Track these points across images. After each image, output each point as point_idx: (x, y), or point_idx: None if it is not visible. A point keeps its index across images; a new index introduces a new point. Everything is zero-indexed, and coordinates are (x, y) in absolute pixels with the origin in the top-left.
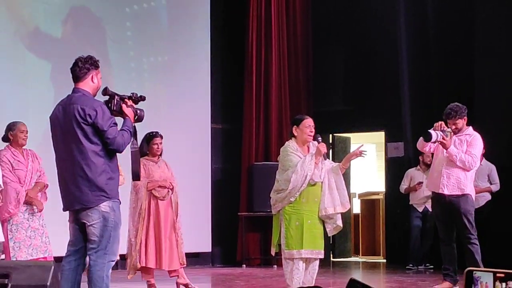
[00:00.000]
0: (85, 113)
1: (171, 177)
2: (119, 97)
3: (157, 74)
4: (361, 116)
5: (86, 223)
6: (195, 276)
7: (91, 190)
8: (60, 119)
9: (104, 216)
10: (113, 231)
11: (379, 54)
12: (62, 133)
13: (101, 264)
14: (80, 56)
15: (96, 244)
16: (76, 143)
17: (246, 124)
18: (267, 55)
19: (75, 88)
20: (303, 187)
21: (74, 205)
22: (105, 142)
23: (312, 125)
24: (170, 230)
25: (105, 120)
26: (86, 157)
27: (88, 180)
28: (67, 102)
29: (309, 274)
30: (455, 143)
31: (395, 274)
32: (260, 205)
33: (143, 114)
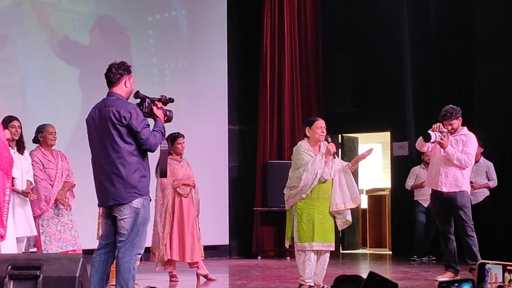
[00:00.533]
0: (120, 115)
1: (192, 175)
2: (150, 100)
3: (177, 78)
4: (368, 117)
5: (118, 216)
6: (213, 267)
7: (124, 187)
8: (96, 121)
9: (136, 211)
10: (142, 226)
11: (385, 59)
12: (98, 134)
13: (128, 256)
14: (114, 62)
15: (125, 237)
16: (111, 143)
17: (260, 125)
18: (280, 60)
19: (110, 92)
20: (314, 184)
21: (108, 201)
22: (138, 142)
23: (323, 126)
24: (193, 225)
25: (139, 121)
26: (121, 156)
27: (122, 178)
28: (102, 105)
29: (320, 265)
30: (451, 143)
31: (400, 265)
32: (274, 200)
33: (172, 115)
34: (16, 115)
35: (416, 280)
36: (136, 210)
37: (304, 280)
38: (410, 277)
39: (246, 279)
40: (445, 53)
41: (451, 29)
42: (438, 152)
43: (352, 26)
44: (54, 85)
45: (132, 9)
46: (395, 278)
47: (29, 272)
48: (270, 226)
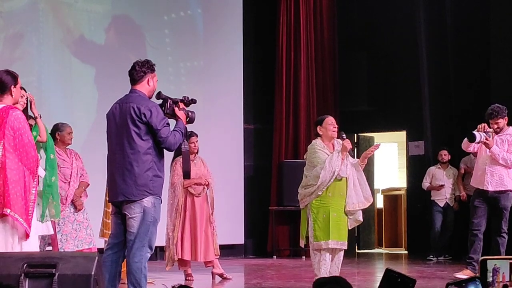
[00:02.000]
0: (140, 112)
1: (207, 173)
2: (172, 101)
3: (193, 78)
4: (384, 117)
5: (128, 215)
6: (229, 266)
7: (135, 184)
8: (116, 116)
9: (146, 210)
10: (151, 225)
11: (401, 58)
12: (117, 129)
13: (139, 256)
14: (138, 60)
15: (134, 236)
16: (128, 139)
17: (276, 124)
18: (296, 60)
19: (132, 89)
20: (331, 182)
21: (118, 197)
22: (157, 140)
23: (334, 122)
24: (206, 223)
25: (159, 120)
26: (136, 153)
27: (135, 175)
28: (124, 101)
29: (335, 264)
30: (496, 143)
31: (416, 264)
32: (289, 199)
33: (194, 116)
34: None
35: (432, 279)
36: (146, 209)
37: None
38: (426, 276)
39: (261, 278)
40: (462, 52)
41: (467, 28)
42: (483, 151)
43: (368, 25)
44: (69, 84)
45: (148, 8)
46: None
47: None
48: (286, 225)
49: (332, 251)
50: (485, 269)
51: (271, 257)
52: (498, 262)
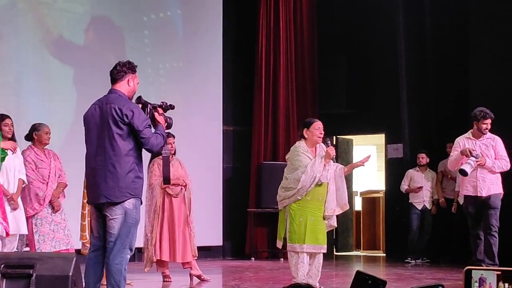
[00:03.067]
0: (122, 113)
1: (184, 175)
2: (152, 106)
3: (172, 79)
4: (363, 119)
5: (108, 216)
6: (207, 268)
7: (118, 186)
8: (96, 117)
9: (127, 212)
10: (133, 227)
11: (380, 61)
12: (97, 130)
13: (119, 257)
14: (120, 60)
15: (115, 238)
16: (110, 141)
17: (255, 126)
18: (275, 62)
19: (112, 89)
20: (311, 187)
21: (100, 199)
22: (140, 141)
23: (321, 128)
24: (184, 224)
25: (141, 120)
26: (118, 155)
27: (117, 177)
28: (103, 102)
29: (315, 267)
30: (481, 149)
31: (394, 267)
32: (268, 201)
33: (172, 122)
34: (9, 114)
35: (409, 282)
36: (127, 211)
37: (297, 281)
38: (404, 279)
39: (239, 280)
40: (441, 55)
41: (446, 31)
42: None
43: (348, 28)
44: (48, 84)
45: (127, 9)
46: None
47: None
48: (264, 227)
49: (310, 254)
50: (469, 279)
51: (249, 259)
52: (485, 272)
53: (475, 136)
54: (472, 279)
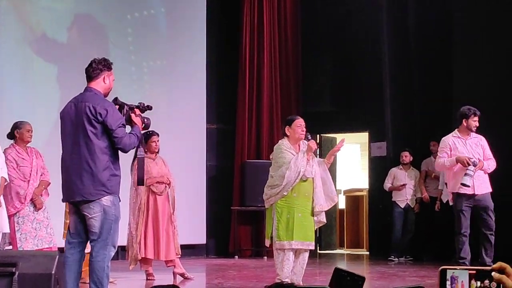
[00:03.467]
0: (96, 112)
1: (168, 173)
2: (128, 107)
3: (156, 77)
4: (347, 118)
5: (88, 215)
6: (190, 266)
7: (93, 184)
8: (71, 115)
9: (105, 209)
10: (113, 224)
11: (364, 60)
12: (72, 128)
13: (102, 254)
14: (95, 58)
15: (96, 236)
16: (85, 139)
17: (239, 124)
18: (259, 60)
19: (88, 87)
20: (296, 182)
21: (75, 197)
22: (112, 140)
23: (303, 125)
24: (167, 223)
25: (114, 119)
26: (93, 153)
27: (92, 175)
28: (79, 100)
29: (299, 264)
30: (472, 148)
31: (377, 265)
32: (251, 199)
33: (150, 123)
34: None
35: (393, 280)
36: (105, 208)
37: (281, 278)
38: (387, 277)
39: (223, 278)
40: (424, 54)
41: (430, 30)
42: None
43: (332, 27)
44: (31, 83)
45: (110, 7)
46: (372, 278)
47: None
48: (248, 225)
49: (296, 251)
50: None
51: (233, 257)
52: (457, 271)
53: (463, 134)
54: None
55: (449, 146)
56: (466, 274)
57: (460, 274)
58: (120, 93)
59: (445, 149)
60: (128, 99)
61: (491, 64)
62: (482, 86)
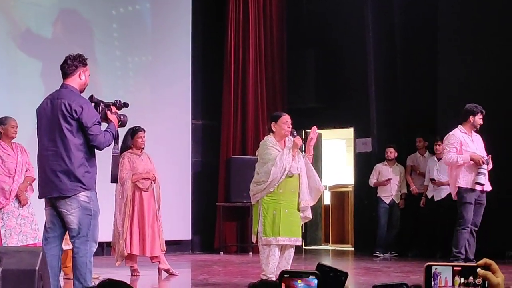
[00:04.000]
0: (72, 109)
1: (153, 169)
2: (104, 105)
3: (141, 73)
4: (332, 114)
5: (65, 211)
6: (175, 262)
7: (69, 180)
8: (47, 111)
9: (82, 205)
10: (92, 219)
11: (349, 56)
12: (48, 125)
13: (83, 250)
14: (70, 54)
15: (76, 232)
16: (60, 136)
17: (224, 120)
18: (244, 56)
19: (64, 84)
20: (282, 179)
21: (52, 193)
22: (87, 138)
23: (289, 121)
24: (153, 219)
25: (90, 117)
26: (68, 150)
27: (68, 171)
28: (55, 96)
29: (284, 260)
30: (477, 143)
31: (363, 261)
32: (237, 195)
33: (126, 120)
34: None
35: (378, 275)
36: (83, 204)
37: (267, 274)
38: (372, 273)
39: (208, 274)
40: (410, 50)
41: (415, 26)
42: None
43: (317, 22)
44: (15, 78)
45: (95, 2)
46: (357, 274)
47: None
48: (233, 221)
49: (282, 247)
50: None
51: (218, 253)
52: (440, 267)
53: (468, 131)
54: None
55: (460, 142)
56: (449, 271)
57: (443, 271)
58: (105, 88)
59: (455, 145)
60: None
61: (477, 61)
62: (467, 84)
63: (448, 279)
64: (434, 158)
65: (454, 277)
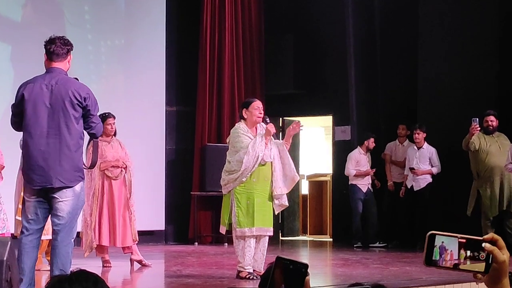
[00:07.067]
0: (81, 96)
1: (124, 156)
2: None
3: (113, 57)
4: (311, 100)
5: (58, 198)
6: (148, 253)
7: (73, 169)
8: (45, 97)
9: (76, 195)
10: (79, 210)
11: (328, 41)
12: (48, 111)
13: (67, 240)
14: (58, 36)
15: (64, 221)
16: (67, 123)
17: (199, 107)
18: (220, 40)
19: (56, 68)
20: (255, 168)
21: (53, 182)
22: (89, 125)
23: (261, 107)
24: (124, 208)
25: (94, 104)
26: (73, 137)
27: (73, 160)
28: (52, 82)
29: (260, 251)
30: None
31: (341, 252)
32: (212, 184)
33: None
34: None
35: (356, 267)
36: (77, 194)
37: (244, 267)
38: (350, 265)
39: (181, 265)
40: (390, 35)
41: (395, 11)
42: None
43: (296, 6)
44: None
45: None
46: (335, 266)
47: None
48: (208, 211)
49: (257, 237)
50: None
51: (193, 243)
52: (446, 239)
53: None
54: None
55: None
56: (455, 243)
57: (449, 243)
58: (77, 73)
59: None
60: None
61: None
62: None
63: (454, 252)
64: (414, 147)
65: (460, 250)
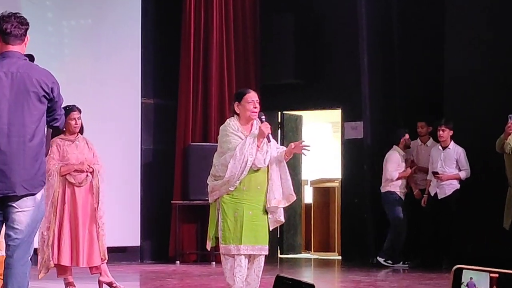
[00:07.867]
0: (48, 86)
1: (92, 158)
2: None
3: (79, 39)
4: (315, 92)
5: (16, 208)
6: (121, 274)
7: (39, 174)
8: (6, 88)
9: (37, 204)
10: (39, 222)
11: (335, 20)
12: (8, 104)
13: (25, 258)
14: (12, 13)
15: (22, 235)
16: (32, 119)
17: (182, 100)
18: (207, 21)
19: (14, 52)
20: (244, 175)
21: (16, 190)
22: (54, 118)
23: (256, 100)
24: (90, 220)
25: (59, 95)
26: (38, 135)
27: (39, 163)
28: (11, 69)
29: (254, 272)
30: None
31: (351, 272)
32: (197, 192)
33: None
34: None
35: None
36: (37, 203)
37: None
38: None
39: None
40: (411, 14)
41: None
42: None
43: None
44: None
45: None
46: None
47: None
48: (192, 223)
49: (249, 256)
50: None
51: (174, 262)
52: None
53: None
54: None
55: None
56: (486, 279)
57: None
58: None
59: None
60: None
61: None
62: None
63: None
64: (438, 147)
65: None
